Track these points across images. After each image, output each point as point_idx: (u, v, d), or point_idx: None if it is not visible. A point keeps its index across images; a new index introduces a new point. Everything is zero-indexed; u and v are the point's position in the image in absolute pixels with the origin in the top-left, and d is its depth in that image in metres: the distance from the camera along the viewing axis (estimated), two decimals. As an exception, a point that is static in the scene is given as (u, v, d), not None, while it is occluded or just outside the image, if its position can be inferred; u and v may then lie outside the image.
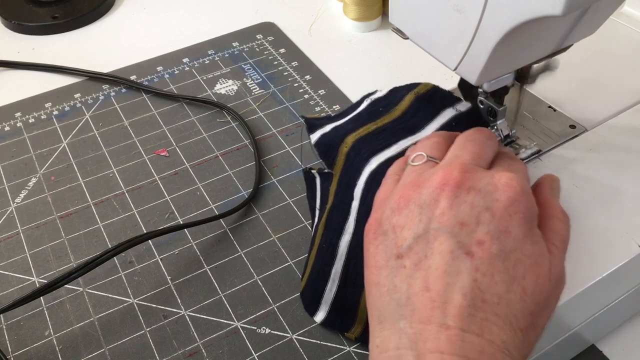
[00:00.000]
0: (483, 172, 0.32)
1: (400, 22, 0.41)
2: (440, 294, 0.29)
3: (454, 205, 0.31)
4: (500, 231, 0.30)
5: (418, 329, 0.29)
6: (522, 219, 0.31)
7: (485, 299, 0.29)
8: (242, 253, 0.51)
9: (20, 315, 0.48)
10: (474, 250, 0.30)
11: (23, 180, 0.58)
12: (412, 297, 0.30)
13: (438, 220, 0.31)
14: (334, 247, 0.44)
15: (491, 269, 0.30)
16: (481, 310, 0.29)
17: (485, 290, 0.29)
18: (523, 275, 0.30)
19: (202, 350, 0.45)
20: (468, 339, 0.28)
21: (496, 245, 0.30)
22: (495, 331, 0.29)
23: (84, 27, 0.78)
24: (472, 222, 0.31)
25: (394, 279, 0.31)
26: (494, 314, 0.29)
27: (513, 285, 0.30)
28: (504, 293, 0.29)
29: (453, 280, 0.30)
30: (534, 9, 0.31)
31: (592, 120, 0.46)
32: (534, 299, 0.30)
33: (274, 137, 0.61)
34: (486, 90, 0.41)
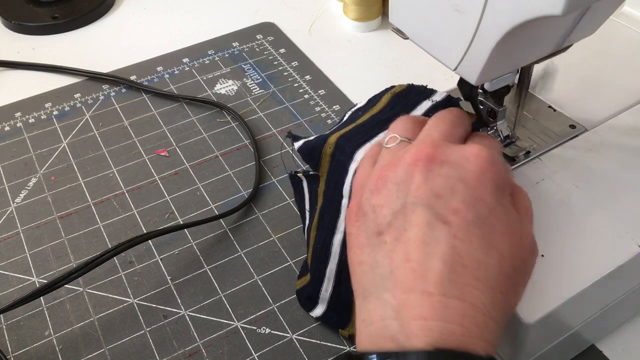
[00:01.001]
0: (454, 146, 0.34)
1: (400, 22, 0.41)
2: (420, 263, 0.30)
3: (429, 178, 0.32)
4: (475, 199, 0.31)
5: (401, 299, 0.30)
6: (494, 187, 0.32)
7: (465, 264, 0.30)
8: (242, 253, 0.51)
9: (20, 315, 0.48)
10: (450, 218, 0.31)
11: (23, 180, 0.58)
12: (395, 270, 0.31)
13: (414, 195, 0.32)
14: (327, 247, 0.44)
15: (469, 235, 0.31)
16: (462, 275, 0.30)
17: (464, 255, 0.30)
18: (499, 240, 0.31)
19: (202, 350, 0.45)
20: (450, 304, 0.29)
21: (472, 212, 0.31)
22: (476, 294, 0.30)
23: (84, 27, 0.78)
24: (447, 193, 0.31)
25: (376, 255, 0.32)
26: (475, 278, 0.30)
27: (490, 250, 0.31)
28: (482, 258, 0.30)
29: (432, 249, 0.30)
30: (534, 9, 0.31)
31: (592, 120, 0.46)
32: (510, 262, 0.31)
33: (274, 137, 0.61)
34: (487, 89, 0.41)
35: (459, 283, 0.30)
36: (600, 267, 0.37)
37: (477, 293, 0.30)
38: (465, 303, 0.29)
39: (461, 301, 0.29)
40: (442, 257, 0.30)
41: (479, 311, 0.29)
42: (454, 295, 0.29)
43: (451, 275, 0.30)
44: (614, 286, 0.40)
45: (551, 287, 0.37)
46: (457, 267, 0.30)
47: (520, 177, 0.42)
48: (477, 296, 0.30)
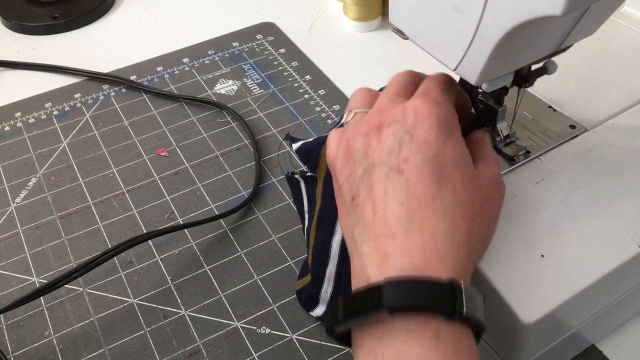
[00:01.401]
0: (397, 106, 0.36)
1: (400, 22, 0.41)
2: (384, 212, 0.33)
3: (381, 141, 0.35)
4: (420, 144, 0.34)
5: (372, 247, 0.33)
6: (437, 129, 0.35)
7: (421, 201, 0.33)
8: (242, 253, 0.51)
9: (20, 315, 0.48)
10: (402, 167, 0.34)
11: (23, 180, 0.58)
12: (367, 225, 0.34)
13: (371, 158, 0.35)
14: (327, 248, 0.44)
15: (420, 176, 0.33)
16: (418, 211, 0.33)
17: (419, 194, 0.33)
18: (450, 174, 0.34)
19: (202, 350, 0.45)
20: (410, 239, 0.32)
21: (419, 156, 0.34)
22: (435, 224, 0.32)
23: (84, 27, 0.78)
24: (396, 147, 0.34)
25: (353, 217, 0.35)
26: (432, 210, 0.33)
27: (443, 184, 0.33)
28: (436, 192, 0.33)
29: (391, 197, 0.33)
30: (534, 9, 0.31)
31: (592, 120, 0.46)
32: (466, 191, 0.34)
33: (274, 137, 0.61)
34: (485, 90, 0.41)
35: (416, 218, 0.32)
36: (600, 267, 0.37)
37: (437, 223, 0.32)
38: (424, 234, 0.32)
39: (420, 233, 0.32)
40: (399, 200, 0.33)
41: (440, 240, 0.32)
42: (413, 230, 0.32)
43: (408, 214, 0.32)
44: (614, 286, 0.40)
45: (551, 287, 0.37)
46: (414, 205, 0.33)
47: (520, 177, 0.42)
48: (437, 225, 0.32)
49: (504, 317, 0.36)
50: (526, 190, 0.41)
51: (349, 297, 0.32)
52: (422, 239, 0.32)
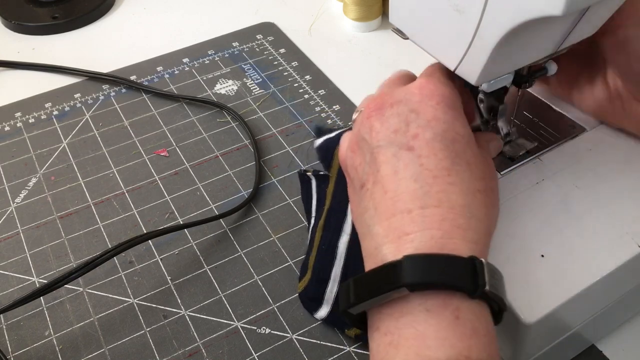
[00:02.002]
0: (400, 88, 0.36)
1: (400, 22, 0.41)
2: (396, 190, 0.32)
3: (384, 121, 0.35)
4: (429, 120, 0.33)
5: (386, 225, 0.32)
6: (444, 105, 0.34)
7: (436, 175, 0.32)
8: (242, 253, 0.51)
9: (20, 315, 0.48)
10: (412, 143, 0.33)
11: (23, 180, 0.58)
12: (377, 206, 0.33)
13: (376, 139, 0.34)
14: (333, 248, 0.44)
15: (433, 150, 0.33)
16: (434, 185, 0.32)
17: (433, 168, 0.32)
18: (463, 149, 0.33)
19: (202, 350, 0.45)
20: (428, 213, 0.31)
21: (429, 131, 0.33)
22: (453, 198, 0.31)
23: (84, 27, 0.78)
24: (403, 125, 0.34)
25: (362, 203, 0.35)
26: (448, 183, 0.32)
27: (457, 158, 0.33)
28: (451, 165, 0.32)
29: (403, 174, 0.33)
30: (534, 9, 0.31)
31: (592, 120, 0.46)
32: (478, 166, 0.34)
33: (274, 137, 0.61)
34: (485, 90, 0.41)
35: (433, 192, 0.31)
36: (600, 267, 0.37)
37: (454, 197, 0.32)
38: (442, 208, 0.31)
39: (438, 207, 0.31)
40: (412, 177, 0.32)
41: (458, 213, 0.31)
42: (431, 204, 0.31)
43: (425, 188, 0.32)
44: (614, 286, 0.40)
45: (551, 287, 0.37)
46: (428, 179, 0.32)
47: (520, 177, 0.42)
48: (454, 199, 0.31)
49: (504, 317, 0.36)
50: (526, 190, 0.41)
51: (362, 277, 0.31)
52: (440, 212, 0.31)
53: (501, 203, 0.40)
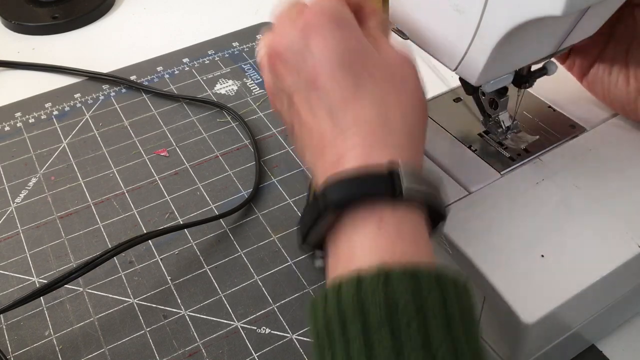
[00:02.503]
0: (288, 26, 0.35)
1: (400, 22, 0.41)
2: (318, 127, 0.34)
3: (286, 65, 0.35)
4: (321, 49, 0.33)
5: (322, 162, 0.33)
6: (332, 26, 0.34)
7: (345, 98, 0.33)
8: (242, 253, 0.51)
9: (20, 315, 0.48)
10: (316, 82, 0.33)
11: (23, 180, 0.58)
12: (310, 146, 0.34)
13: (287, 85, 0.35)
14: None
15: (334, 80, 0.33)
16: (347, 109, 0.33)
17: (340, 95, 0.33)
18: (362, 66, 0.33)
19: (202, 350, 0.45)
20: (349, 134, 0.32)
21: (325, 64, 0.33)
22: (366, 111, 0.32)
23: (84, 27, 0.78)
24: (301, 64, 0.34)
25: (298, 146, 0.37)
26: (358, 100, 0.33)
27: (360, 77, 0.33)
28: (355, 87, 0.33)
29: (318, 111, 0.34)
30: (534, 9, 0.31)
31: (592, 120, 0.46)
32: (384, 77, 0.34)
33: (274, 137, 0.61)
34: (485, 91, 0.41)
35: (348, 117, 0.32)
36: (600, 267, 0.37)
37: (367, 110, 0.32)
38: (359, 125, 0.32)
39: (355, 125, 0.32)
40: (325, 110, 0.33)
41: (375, 124, 0.32)
42: (348, 126, 0.32)
43: (339, 116, 0.32)
44: (614, 286, 0.40)
45: (551, 287, 0.37)
46: (340, 108, 0.33)
47: (520, 177, 0.42)
48: (368, 112, 0.32)
49: (504, 317, 0.36)
50: (526, 190, 0.41)
51: (304, 209, 0.33)
52: (358, 129, 0.32)
53: (501, 203, 0.40)
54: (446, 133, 0.46)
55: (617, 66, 0.44)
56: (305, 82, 0.34)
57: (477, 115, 0.46)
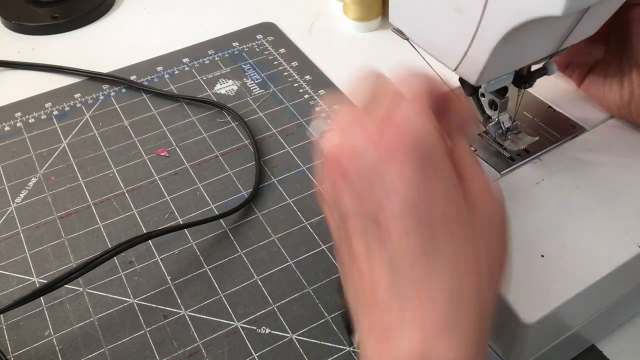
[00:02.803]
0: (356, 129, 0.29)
1: (400, 22, 0.41)
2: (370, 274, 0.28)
3: (346, 179, 0.29)
4: (395, 183, 0.27)
5: (367, 316, 0.28)
6: (412, 159, 0.27)
7: (413, 260, 0.27)
8: (242, 253, 0.51)
9: (20, 315, 0.48)
10: (379, 216, 0.27)
11: (23, 180, 0.58)
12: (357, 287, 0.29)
13: (341, 202, 0.29)
14: None
15: (403, 227, 0.27)
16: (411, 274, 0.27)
17: (406, 252, 0.27)
18: (441, 216, 0.27)
19: (202, 350, 0.45)
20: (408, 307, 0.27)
21: (396, 201, 0.27)
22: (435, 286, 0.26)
23: (84, 27, 0.78)
24: (367, 189, 0.28)
25: (343, 268, 0.31)
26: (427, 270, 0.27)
27: (434, 232, 0.27)
28: (428, 244, 0.27)
29: (376, 256, 0.28)
30: (534, 9, 0.31)
31: (592, 120, 0.46)
32: (464, 229, 0.28)
33: (274, 137, 0.61)
34: (485, 91, 0.41)
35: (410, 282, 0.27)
36: (600, 267, 0.37)
37: (436, 284, 0.27)
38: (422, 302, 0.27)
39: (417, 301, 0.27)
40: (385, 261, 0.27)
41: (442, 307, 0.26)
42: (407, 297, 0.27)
43: (399, 278, 0.27)
44: (614, 286, 0.40)
45: (551, 287, 0.37)
46: (404, 267, 0.27)
47: (520, 177, 0.42)
48: (437, 288, 0.26)
49: (504, 317, 0.36)
50: (526, 190, 0.41)
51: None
52: (421, 309, 0.26)
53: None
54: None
55: (611, 70, 0.44)
56: (366, 214, 0.28)
57: (477, 116, 0.46)
